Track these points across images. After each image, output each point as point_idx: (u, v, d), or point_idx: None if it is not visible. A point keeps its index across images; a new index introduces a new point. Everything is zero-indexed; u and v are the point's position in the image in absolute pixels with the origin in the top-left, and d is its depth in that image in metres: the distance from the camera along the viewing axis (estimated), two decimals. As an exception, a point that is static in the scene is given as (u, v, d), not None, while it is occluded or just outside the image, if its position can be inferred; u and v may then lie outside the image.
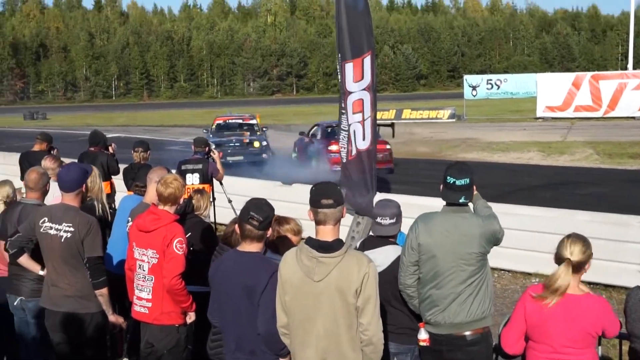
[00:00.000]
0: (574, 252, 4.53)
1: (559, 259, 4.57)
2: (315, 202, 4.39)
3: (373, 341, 4.39)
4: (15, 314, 6.59)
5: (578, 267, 4.54)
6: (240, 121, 27.42)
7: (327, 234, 4.39)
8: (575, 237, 4.60)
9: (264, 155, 25.11)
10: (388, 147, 22.34)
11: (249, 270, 4.68)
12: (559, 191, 18.84)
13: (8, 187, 7.09)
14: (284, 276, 4.45)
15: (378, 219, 5.66)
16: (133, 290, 5.98)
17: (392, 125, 24.03)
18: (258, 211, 4.67)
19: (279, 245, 5.41)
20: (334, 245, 4.35)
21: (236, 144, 25.02)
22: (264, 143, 25.41)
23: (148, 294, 5.82)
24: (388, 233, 5.66)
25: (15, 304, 6.50)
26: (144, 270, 5.81)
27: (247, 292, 4.68)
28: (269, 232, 4.85)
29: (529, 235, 10.59)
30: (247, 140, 25.47)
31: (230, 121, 27.22)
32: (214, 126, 26.01)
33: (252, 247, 4.74)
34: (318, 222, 4.40)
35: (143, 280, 5.83)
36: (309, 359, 4.43)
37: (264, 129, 27.44)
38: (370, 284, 4.32)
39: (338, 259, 4.32)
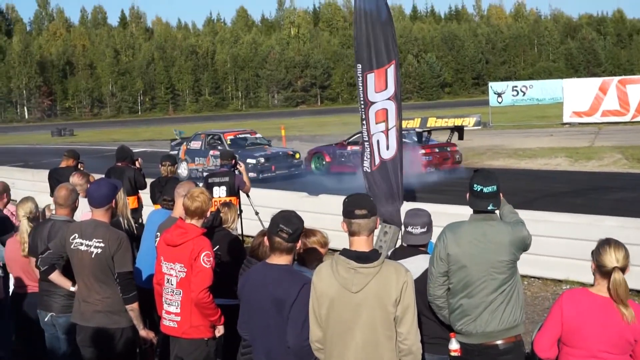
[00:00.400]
0: (619, 259, 4.46)
1: (603, 267, 4.49)
2: (348, 213, 4.38)
3: (413, 350, 4.37)
4: (46, 330, 6.62)
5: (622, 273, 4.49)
6: (248, 135, 27.20)
7: (361, 244, 4.38)
8: (616, 244, 4.52)
9: (302, 167, 25.55)
10: (457, 149, 24.54)
11: (279, 283, 4.67)
12: (588, 197, 18.66)
13: (30, 203, 7.14)
14: (319, 289, 4.42)
15: (409, 228, 5.64)
16: (162, 304, 5.99)
17: (459, 129, 24.62)
18: (287, 223, 4.67)
19: (306, 258, 5.41)
20: (371, 256, 4.34)
21: (283, 157, 25.29)
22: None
23: (177, 308, 5.82)
24: (419, 242, 5.64)
25: (45, 319, 6.52)
26: (172, 285, 5.82)
27: (277, 305, 4.66)
28: (299, 244, 4.85)
29: (558, 242, 10.50)
30: (291, 152, 25.76)
31: (240, 136, 26.88)
32: (227, 141, 25.79)
33: (281, 259, 4.73)
34: (352, 233, 4.40)
35: (171, 294, 5.84)
36: None
37: (268, 141, 27.47)
38: (409, 292, 4.32)
39: (377, 269, 4.30)
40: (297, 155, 25.66)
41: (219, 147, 25.02)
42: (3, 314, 7.52)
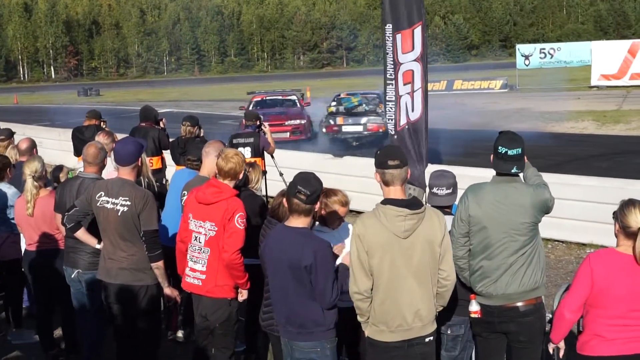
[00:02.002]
0: None
1: (627, 228, 4.46)
2: (381, 164, 4.57)
3: (453, 284, 4.72)
4: (73, 286, 6.69)
5: None
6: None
7: (398, 193, 4.57)
8: None
9: None
10: None
11: (294, 247, 4.73)
12: (614, 161, 18.53)
13: (36, 162, 7.16)
14: (367, 240, 4.52)
15: (434, 190, 5.67)
16: (182, 262, 6.02)
17: None
18: (306, 185, 4.71)
19: (327, 218, 5.44)
20: (417, 202, 4.55)
21: None
22: None
23: (202, 266, 5.84)
24: (444, 203, 5.67)
25: (72, 276, 6.60)
26: (200, 242, 5.83)
27: (292, 268, 4.73)
28: (317, 206, 4.88)
29: (584, 206, 10.46)
30: None
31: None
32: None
33: (299, 221, 4.79)
34: (386, 183, 4.58)
35: (198, 252, 5.85)
36: (404, 312, 4.56)
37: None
38: (447, 232, 4.63)
39: (423, 214, 4.51)
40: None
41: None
42: (18, 271, 7.61)
